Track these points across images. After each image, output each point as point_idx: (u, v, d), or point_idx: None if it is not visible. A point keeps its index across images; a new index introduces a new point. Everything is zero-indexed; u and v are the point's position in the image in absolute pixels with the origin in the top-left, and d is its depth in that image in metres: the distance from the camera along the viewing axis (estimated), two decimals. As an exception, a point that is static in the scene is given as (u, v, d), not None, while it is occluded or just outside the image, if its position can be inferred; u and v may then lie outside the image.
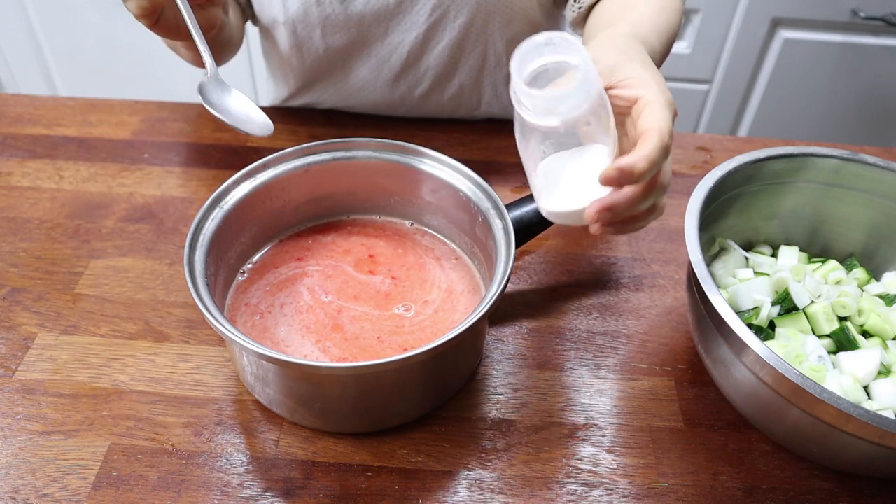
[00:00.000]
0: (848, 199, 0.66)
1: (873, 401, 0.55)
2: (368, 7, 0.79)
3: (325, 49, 0.84)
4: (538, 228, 0.66)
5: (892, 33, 1.52)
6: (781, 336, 0.58)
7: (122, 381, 0.61)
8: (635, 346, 0.66)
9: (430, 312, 0.62)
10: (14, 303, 0.67)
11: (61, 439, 0.57)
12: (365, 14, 0.80)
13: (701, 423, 0.60)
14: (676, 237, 0.77)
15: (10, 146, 0.85)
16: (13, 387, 0.60)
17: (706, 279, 0.52)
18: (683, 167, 0.86)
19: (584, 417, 0.60)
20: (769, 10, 1.50)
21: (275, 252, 0.68)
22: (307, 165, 0.66)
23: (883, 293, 0.63)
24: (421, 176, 0.66)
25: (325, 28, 0.82)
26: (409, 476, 0.55)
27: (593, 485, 0.55)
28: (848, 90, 1.62)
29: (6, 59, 1.77)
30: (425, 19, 0.81)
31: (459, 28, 0.81)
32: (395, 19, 0.81)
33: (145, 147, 0.86)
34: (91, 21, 1.66)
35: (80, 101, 0.93)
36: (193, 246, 0.57)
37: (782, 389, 0.48)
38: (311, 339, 0.60)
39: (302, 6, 0.80)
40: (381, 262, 0.67)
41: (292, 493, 0.54)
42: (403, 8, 0.80)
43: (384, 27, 0.82)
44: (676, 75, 1.62)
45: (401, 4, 0.80)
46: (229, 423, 0.58)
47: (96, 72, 1.76)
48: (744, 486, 0.56)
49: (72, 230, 0.75)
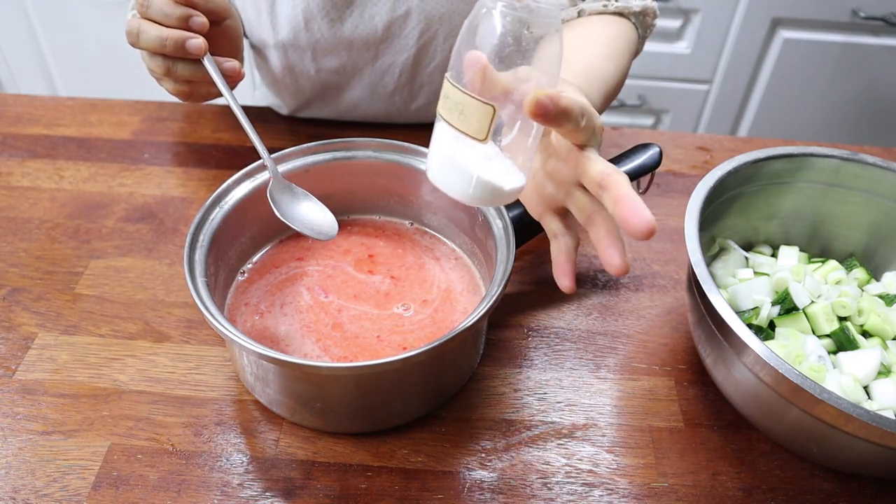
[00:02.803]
0: (848, 199, 0.66)
1: (873, 401, 0.55)
2: (357, 32, 0.79)
3: (317, 70, 0.84)
4: (538, 228, 0.66)
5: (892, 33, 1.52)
6: (781, 336, 0.58)
7: (122, 381, 0.61)
8: (635, 346, 0.66)
9: (429, 312, 0.62)
10: (14, 303, 0.67)
11: (61, 439, 0.57)
12: (354, 38, 0.80)
13: (701, 423, 0.60)
14: (676, 237, 0.77)
15: (10, 146, 0.85)
16: (13, 387, 0.60)
17: (706, 279, 0.52)
18: (683, 167, 0.86)
19: (584, 417, 0.60)
20: (769, 10, 1.50)
21: (275, 252, 0.68)
22: (307, 165, 0.66)
23: (883, 293, 0.63)
24: (421, 176, 0.66)
25: (315, 51, 0.82)
26: (409, 476, 0.55)
27: (593, 485, 0.55)
28: (848, 90, 1.62)
29: (6, 59, 1.77)
30: (415, 42, 0.81)
31: (450, 48, 0.82)
32: (385, 43, 0.81)
33: (145, 147, 0.86)
34: (91, 21, 1.66)
35: (80, 101, 0.93)
36: (193, 246, 0.57)
37: (782, 389, 0.48)
38: (312, 339, 0.60)
39: (291, 31, 0.79)
40: (380, 261, 0.67)
41: (292, 493, 0.54)
42: (392, 32, 0.80)
43: (374, 51, 0.82)
44: (676, 75, 1.63)
45: (389, 29, 0.80)
46: (229, 423, 0.58)
47: (96, 72, 1.76)
48: (744, 486, 0.56)
49: (72, 230, 0.75)
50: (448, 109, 0.46)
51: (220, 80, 0.63)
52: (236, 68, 0.65)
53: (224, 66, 0.64)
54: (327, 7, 0.77)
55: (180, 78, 0.65)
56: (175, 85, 0.67)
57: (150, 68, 0.67)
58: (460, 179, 0.48)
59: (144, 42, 0.63)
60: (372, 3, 0.78)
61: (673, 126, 1.72)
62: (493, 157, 0.48)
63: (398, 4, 0.78)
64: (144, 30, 0.63)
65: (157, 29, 0.62)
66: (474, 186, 0.48)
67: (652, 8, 0.79)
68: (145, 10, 0.63)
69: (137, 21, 0.63)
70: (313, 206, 0.60)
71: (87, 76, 1.78)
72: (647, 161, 0.66)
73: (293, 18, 0.78)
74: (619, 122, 1.72)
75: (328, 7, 0.77)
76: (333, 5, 0.77)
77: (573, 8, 0.78)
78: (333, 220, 0.60)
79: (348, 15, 0.78)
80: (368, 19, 0.79)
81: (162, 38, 0.62)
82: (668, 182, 0.84)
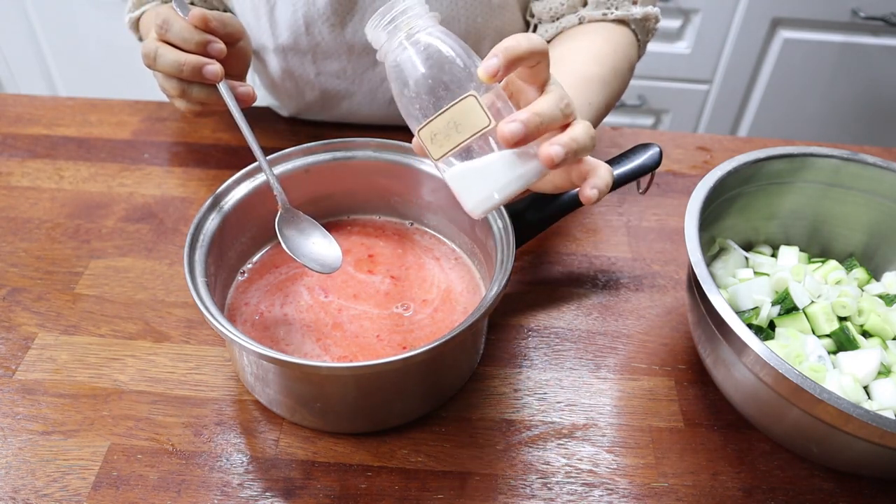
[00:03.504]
0: (848, 199, 0.66)
1: (873, 401, 0.55)
2: (357, 37, 0.79)
3: (317, 75, 0.84)
4: (538, 228, 0.66)
5: (892, 33, 1.52)
6: (781, 336, 0.58)
7: (122, 381, 0.61)
8: (635, 346, 0.66)
9: (429, 311, 0.62)
10: (14, 303, 0.67)
11: (61, 439, 0.57)
12: (355, 43, 0.80)
13: (701, 423, 0.60)
14: (676, 237, 0.77)
15: (10, 146, 0.85)
16: (13, 387, 0.60)
17: (706, 279, 0.52)
18: (683, 167, 0.86)
19: (584, 417, 0.60)
20: (769, 10, 1.50)
21: (275, 252, 0.68)
22: (307, 165, 0.66)
23: (883, 293, 0.63)
24: (421, 176, 0.66)
25: (315, 55, 0.82)
26: (409, 476, 0.55)
27: (593, 485, 0.55)
28: (848, 90, 1.62)
29: (6, 59, 1.77)
30: None
31: None
32: None
33: (145, 147, 0.86)
34: (91, 21, 1.66)
35: (80, 101, 0.93)
36: (193, 246, 0.57)
37: (782, 389, 0.48)
38: (312, 338, 0.60)
39: (292, 35, 0.79)
40: (380, 261, 0.67)
41: (292, 493, 0.54)
42: None
43: (374, 56, 0.81)
44: (676, 75, 1.63)
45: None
46: (229, 423, 0.58)
47: (96, 72, 1.76)
48: (744, 486, 0.56)
49: (72, 230, 0.75)
50: (444, 144, 0.47)
51: (234, 106, 0.63)
52: (250, 93, 0.65)
53: (238, 91, 0.64)
54: (328, 12, 0.77)
55: (194, 100, 0.66)
56: (188, 105, 0.67)
57: (163, 88, 0.67)
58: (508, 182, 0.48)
59: (161, 65, 0.63)
60: (373, 8, 0.77)
61: (673, 126, 1.72)
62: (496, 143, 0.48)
63: None
64: (162, 53, 0.63)
65: (174, 53, 0.63)
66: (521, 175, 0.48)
67: (654, 14, 0.78)
68: (164, 33, 0.63)
69: (155, 44, 0.63)
70: (320, 238, 0.60)
71: (87, 76, 1.78)
72: (647, 161, 0.66)
73: (293, 23, 0.78)
74: (619, 122, 1.72)
75: (329, 12, 0.77)
76: (334, 10, 0.77)
77: (573, 15, 0.77)
78: (338, 253, 0.60)
79: (349, 19, 0.78)
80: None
81: (179, 63, 0.62)
82: (668, 182, 0.84)
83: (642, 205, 0.81)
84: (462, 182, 0.49)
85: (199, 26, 0.63)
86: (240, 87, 0.64)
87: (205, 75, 0.63)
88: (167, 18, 0.63)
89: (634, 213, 0.79)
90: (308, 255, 0.59)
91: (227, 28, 0.65)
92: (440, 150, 0.47)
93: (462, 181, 0.49)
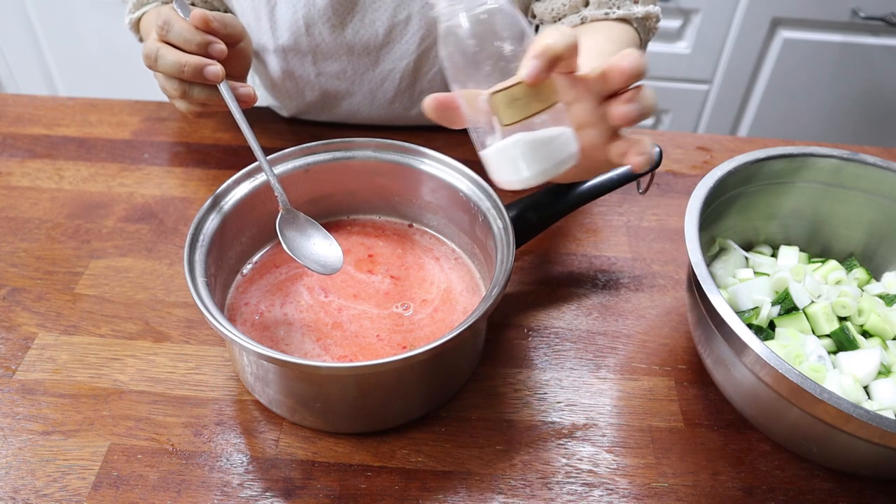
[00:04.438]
0: (848, 199, 0.66)
1: (873, 401, 0.55)
2: (358, 37, 0.79)
3: (318, 75, 0.84)
4: (538, 228, 0.66)
5: (892, 33, 1.52)
6: (781, 336, 0.58)
7: (122, 381, 0.61)
8: (635, 346, 0.66)
9: (428, 311, 0.62)
10: (14, 303, 0.67)
11: (61, 439, 0.57)
12: (355, 44, 0.80)
13: (701, 423, 0.60)
14: (676, 237, 0.77)
15: (10, 146, 0.85)
16: (13, 387, 0.60)
17: (706, 279, 0.52)
18: (683, 167, 0.86)
19: (584, 417, 0.60)
20: (769, 10, 1.50)
21: (275, 252, 0.68)
22: (307, 165, 0.66)
23: (883, 293, 0.63)
24: (421, 176, 0.66)
25: (315, 56, 0.82)
26: (409, 476, 0.55)
27: (593, 485, 0.55)
28: (848, 90, 1.62)
29: (6, 59, 1.77)
30: (415, 48, 0.81)
31: None
32: (385, 48, 0.81)
33: (145, 147, 0.86)
34: (91, 21, 1.66)
35: (80, 101, 0.93)
36: (193, 246, 0.57)
37: (782, 389, 0.48)
38: (312, 338, 0.60)
39: (292, 35, 0.79)
40: (380, 261, 0.67)
41: (292, 493, 0.54)
42: (393, 38, 0.80)
43: (375, 56, 0.82)
44: (676, 75, 1.63)
45: (390, 34, 0.80)
46: (229, 423, 0.58)
47: (96, 72, 1.76)
48: (744, 486, 0.56)
49: (72, 230, 0.75)
50: (522, 111, 0.47)
51: (234, 107, 0.63)
52: (250, 93, 0.65)
53: (239, 92, 0.64)
54: (329, 12, 0.77)
55: (195, 101, 0.66)
56: (189, 106, 0.67)
57: (164, 89, 0.67)
58: (562, 151, 0.48)
59: (162, 66, 0.63)
60: (373, 8, 0.78)
61: (673, 126, 1.72)
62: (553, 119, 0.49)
63: (399, 10, 0.78)
64: (163, 54, 0.63)
65: (175, 54, 0.63)
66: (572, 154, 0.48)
67: (655, 13, 0.79)
68: (165, 33, 0.63)
69: (156, 45, 0.63)
70: (321, 239, 0.60)
71: (87, 76, 1.78)
72: (648, 161, 0.66)
73: (294, 23, 0.78)
74: (619, 122, 1.71)
75: (329, 12, 0.77)
76: (335, 10, 0.77)
77: (576, 15, 0.77)
78: (339, 254, 0.60)
79: (349, 20, 0.78)
80: (369, 24, 0.79)
81: (180, 64, 0.62)
82: (668, 182, 0.84)
83: (642, 205, 0.81)
84: (515, 151, 0.49)
85: (200, 27, 0.63)
86: (240, 87, 0.65)
87: (206, 76, 0.63)
88: (168, 19, 0.63)
89: (634, 213, 0.79)
90: (309, 257, 0.59)
91: (228, 29, 0.65)
92: (515, 116, 0.47)
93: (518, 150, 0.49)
